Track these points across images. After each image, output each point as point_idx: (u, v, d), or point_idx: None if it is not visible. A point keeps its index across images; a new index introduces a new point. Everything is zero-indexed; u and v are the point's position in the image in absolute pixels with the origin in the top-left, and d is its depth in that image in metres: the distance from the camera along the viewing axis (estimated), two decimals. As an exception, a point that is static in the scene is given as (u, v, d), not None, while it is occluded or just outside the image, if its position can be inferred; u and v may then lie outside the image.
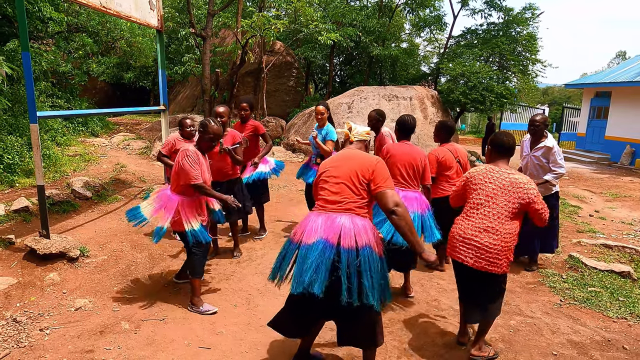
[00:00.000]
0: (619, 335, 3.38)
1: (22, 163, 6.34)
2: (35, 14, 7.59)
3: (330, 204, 2.49)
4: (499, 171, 2.88)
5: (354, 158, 2.59)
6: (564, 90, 32.31)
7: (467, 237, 2.83)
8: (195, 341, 3.09)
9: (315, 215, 2.51)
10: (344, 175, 2.52)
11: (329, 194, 2.52)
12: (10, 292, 3.61)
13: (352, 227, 2.40)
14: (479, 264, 2.78)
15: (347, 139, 2.84)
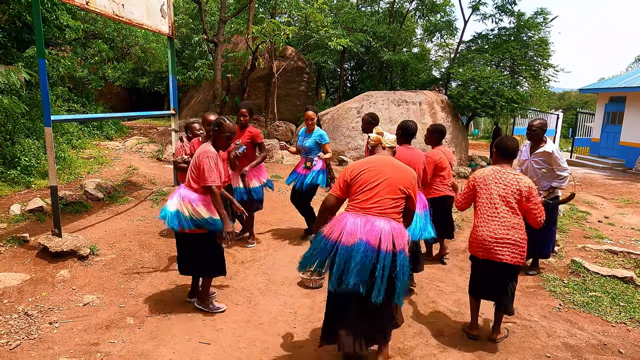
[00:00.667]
0: (616, 340, 3.38)
1: (39, 165, 6.57)
2: (53, 22, 7.88)
3: (369, 207, 2.62)
4: (505, 172, 3.16)
5: (395, 167, 2.74)
6: (581, 96, 31.87)
7: (500, 237, 3.04)
8: (196, 336, 3.20)
9: (353, 217, 2.62)
10: (386, 182, 2.65)
11: (369, 197, 2.63)
12: (23, 287, 3.78)
13: (390, 231, 2.56)
14: (515, 259, 3.06)
15: (379, 144, 2.97)
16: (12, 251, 4.33)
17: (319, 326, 3.40)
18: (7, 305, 3.49)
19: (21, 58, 7.41)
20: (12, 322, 3.26)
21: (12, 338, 3.06)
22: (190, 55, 16.06)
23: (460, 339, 3.29)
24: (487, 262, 3.12)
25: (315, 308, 3.71)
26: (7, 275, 3.88)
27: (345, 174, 2.76)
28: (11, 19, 8.04)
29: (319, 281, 4.16)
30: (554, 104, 36.51)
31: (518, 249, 3.05)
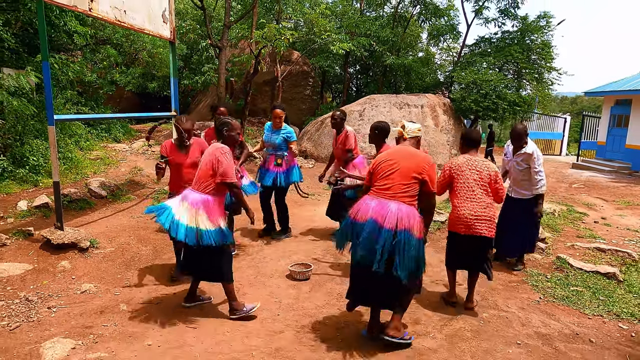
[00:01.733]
0: (589, 330, 3.48)
1: (46, 165, 6.85)
2: (62, 28, 8.21)
3: (383, 192, 3.00)
4: (475, 160, 3.68)
5: (410, 156, 3.08)
6: (594, 100, 31.61)
7: (479, 214, 3.55)
8: (184, 321, 3.39)
9: (369, 199, 3.02)
10: (400, 169, 3.00)
11: (384, 183, 3.01)
12: (26, 276, 4.02)
13: (396, 213, 2.88)
14: (491, 232, 3.60)
15: (401, 136, 3.31)
16: (18, 243, 4.58)
17: (302, 313, 3.58)
18: (9, 292, 3.72)
19: (31, 62, 7.74)
20: (14, 306, 3.48)
21: (13, 320, 3.28)
22: (198, 60, 16.39)
23: (435, 327, 3.42)
24: (467, 237, 3.60)
25: (300, 298, 3.88)
26: (12, 265, 4.12)
27: (371, 165, 3.18)
28: (24, 26, 8.40)
29: (307, 273, 4.33)
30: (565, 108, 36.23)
31: (492, 224, 3.62)
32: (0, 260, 4.21)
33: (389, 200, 2.95)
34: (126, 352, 2.95)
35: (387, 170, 3.02)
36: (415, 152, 3.13)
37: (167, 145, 4.07)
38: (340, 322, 3.48)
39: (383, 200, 2.96)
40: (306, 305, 3.74)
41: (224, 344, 3.09)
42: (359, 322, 3.49)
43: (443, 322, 3.51)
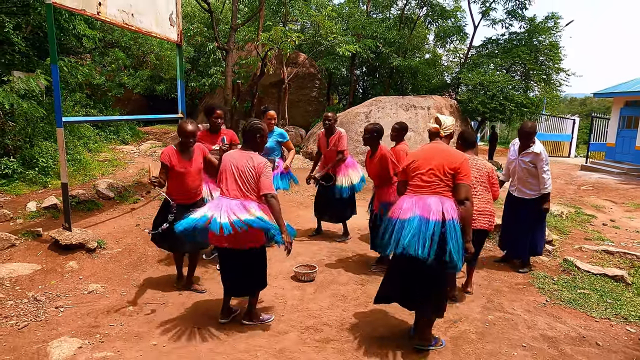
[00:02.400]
0: (596, 333, 3.45)
1: (55, 166, 6.94)
2: (71, 31, 8.32)
3: (421, 188, 3.05)
4: (474, 159, 3.93)
5: (443, 153, 3.10)
6: (604, 101, 31.29)
7: (482, 209, 3.83)
8: (189, 322, 3.41)
9: (408, 198, 3.08)
10: (434, 166, 3.04)
11: (421, 180, 3.06)
12: (35, 276, 4.07)
13: (440, 206, 2.95)
14: (490, 226, 3.91)
15: (436, 132, 3.24)
16: (27, 244, 4.64)
17: (306, 314, 3.59)
18: (18, 292, 3.77)
19: (41, 65, 7.84)
20: (22, 306, 3.53)
21: (21, 320, 3.33)
22: (205, 62, 16.51)
23: (440, 330, 3.41)
24: None
25: (304, 299, 3.89)
26: (21, 265, 4.18)
27: (405, 163, 3.23)
28: (34, 30, 8.52)
29: (311, 275, 4.33)
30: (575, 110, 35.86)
31: (492, 217, 3.93)
32: (9, 261, 4.27)
33: (429, 195, 3.01)
34: (132, 351, 2.98)
35: (423, 167, 3.07)
36: (447, 147, 3.18)
37: (169, 152, 3.70)
38: (344, 323, 3.49)
39: (423, 196, 3.02)
40: (310, 307, 3.75)
41: (227, 344, 3.11)
42: (363, 323, 3.49)
43: (447, 324, 3.50)
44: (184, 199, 3.74)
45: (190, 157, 3.77)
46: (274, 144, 5.15)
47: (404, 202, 3.06)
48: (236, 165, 3.19)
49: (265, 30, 12.22)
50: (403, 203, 3.06)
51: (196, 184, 3.82)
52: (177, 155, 3.72)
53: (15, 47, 7.56)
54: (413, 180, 3.10)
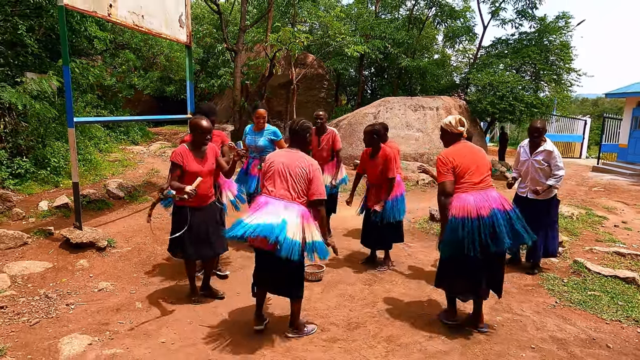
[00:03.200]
0: (607, 336, 3.41)
1: (67, 166, 7.04)
2: (82, 33, 8.44)
3: (480, 184, 3.22)
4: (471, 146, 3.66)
5: (479, 152, 3.37)
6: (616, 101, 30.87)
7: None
8: (197, 321, 3.44)
9: (473, 195, 3.16)
10: (481, 163, 3.28)
11: (477, 177, 3.22)
12: (46, 274, 4.13)
13: (500, 196, 3.22)
14: None
15: (460, 134, 3.38)
16: (39, 242, 4.71)
17: (314, 314, 3.60)
18: (30, 289, 3.83)
19: (53, 67, 7.96)
20: (34, 303, 3.59)
21: (33, 316, 3.38)
22: (214, 64, 16.62)
23: (447, 329, 3.39)
24: None
25: (312, 299, 3.89)
26: (33, 263, 4.25)
27: (449, 162, 3.25)
28: (46, 32, 8.65)
29: (319, 274, 4.34)
30: (586, 110, 35.42)
31: None
32: (21, 258, 4.34)
33: (486, 190, 3.20)
34: (140, 348, 3.01)
35: (474, 165, 3.24)
36: (474, 146, 3.40)
37: (181, 152, 3.46)
38: (351, 323, 3.49)
39: (485, 191, 3.19)
40: (318, 306, 3.75)
41: (236, 343, 3.13)
42: (371, 323, 3.49)
43: (455, 324, 3.48)
44: (196, 202, 3.47)
45: (203, 156, 3.55)
46: (267, 142, 4.85)
47: (472, 199, 3.14)
48: (287, 166, 3.07)
49: (273, 32, 12.27)
50: (473, 200, 3.14)
51: (208, 185, 3.60)
52: (190, 155, 3.48)
53: (28, 49, 7.68)
54: (464, 179, 3.22)
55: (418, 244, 5.62)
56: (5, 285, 3.79)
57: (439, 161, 3.32)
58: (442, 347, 3.15)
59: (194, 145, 3.53)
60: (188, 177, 3.42)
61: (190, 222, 3.43)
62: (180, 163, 3.42)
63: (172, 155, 3.46)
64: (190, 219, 3.44)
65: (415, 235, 6.06)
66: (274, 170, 3.09)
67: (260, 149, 4.83)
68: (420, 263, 4.96)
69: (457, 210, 3.14)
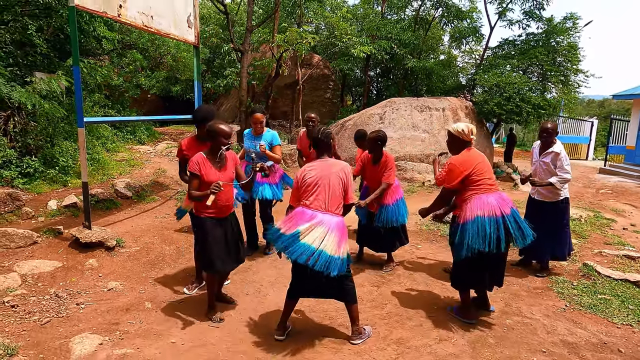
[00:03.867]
0: (618, 340, 3.38)
1: (75, 166, 7.08)
2: (91, 33, 8.48)
3: (492, 186, 3.45)
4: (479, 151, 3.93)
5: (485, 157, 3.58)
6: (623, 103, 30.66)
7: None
8: (207, 321, 3.44)
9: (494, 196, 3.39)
10: (490, 168, 3.52)
11: (490, 180, 3.46)
12: (56, 273, 4.15)
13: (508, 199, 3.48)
14: None
15: (470, 141, 3.52)
16: (48, 241, 4.74)
17: (322, 315, 3.60)
18: (40, 288, 3.85)
19: (62, 67, 8.01)
20: (44, 302, 3.61)
21: (44, 315, 3.40)
22: (220, 64, 16.66)
23: (457, 333, 3.38)
24: None
25: (320, 300, 3.87)
26: (43, 262, 4.27)
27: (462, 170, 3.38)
28: (55, 32, 8.71)
29: (327, 276, 4.33)
30: (592, 112, 35.22)
31: None
32: (31, 257, 4.37)
33: (498, 192, 3.46)
34: (151, 348, 3.02)
35: (486, 170, 3.45)
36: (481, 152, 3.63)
37: (199, 160, 3.23)
38: (360, 324, 3.47)
39: (496, 193, 3.44)
40: (326, 307, 3.75)
41: (245, 343, 3.13)
42: (380, 324, 3.48)
43: (465, 327, 3.47)
44: (215, 213, 3.31)
45: (222, 165, 3.32)
46: (268, 148, 4.67)
47: (493, 200, 3.35)
48: (326, 177, 3.07)
49: (280, 32, 12.28)
50: (494, 200, 3.34)
51: (228, 196, 3.37)
52: (208, 164, 3.25)
53: (36, 49, 7.74)
54: (481, 181, 3.41)
55: (425, 245, 5.61)
56: (16, 284, 3.81)
57: (454, 167, 3.41)
58: (452, 350, 3.13)
59: (213, 153, 3.28)
60: (206, 188, 3.19)
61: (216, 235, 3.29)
62: (197, 173, 3.21)
63: (189, 165, 3.23)
64: (215, 231, 3.29)
65: (422, 236, 6.04)
66: (312, 182, 3.07)
67: (261, 154, 4.68)
68: (428, 264, 4.95)
69: (481, 209, 3.31)
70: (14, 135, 6.38)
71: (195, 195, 3.18)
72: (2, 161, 6.05)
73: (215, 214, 3.31)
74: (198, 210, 3.32)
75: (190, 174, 3.25)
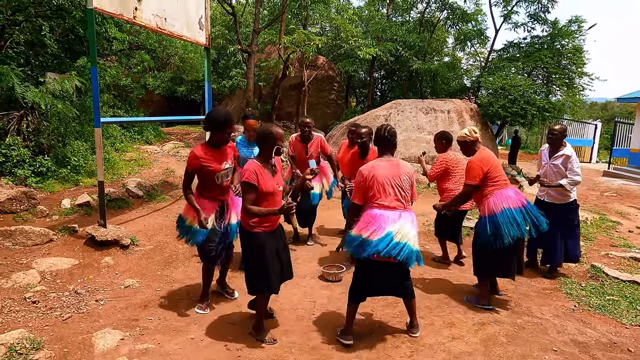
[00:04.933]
0: (627, 340, 3.44)
1: (86, 165, 7.16)
2: (103, 34, 8.58)
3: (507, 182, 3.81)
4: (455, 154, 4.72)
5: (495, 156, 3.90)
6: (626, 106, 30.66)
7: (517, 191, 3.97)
8: (225, 318, 3.52)
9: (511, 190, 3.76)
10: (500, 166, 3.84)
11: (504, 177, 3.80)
12: (73, 270, 4.23)
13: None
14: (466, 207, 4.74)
15: (477, 139, 3.87)
16: (64, 239, 4.82)
17: (336, 314, 3.67)
18: (59, 285, 3.93)
19: (73, 67, 8.10)
20: (64, 298, 3.69)
21: (65, 311, 3.47)
22: (225, 64, 16.77)
23: (468, 332, 3.45)
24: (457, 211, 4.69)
25: (333, 298, 3.96)
26: (60, 260, 4.35)
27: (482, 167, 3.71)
28: (65, 32, 8.80)
29: (339, 275, 4.41)
30: (595, 114, 35.20)
31: None
32: (48, 255, 4.45)
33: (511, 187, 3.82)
34: (171, 344, 3.10)
35: (500, 168, 3.79)
36: None
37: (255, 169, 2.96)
38: (374, 323, 3.55)
39: (512, 187, 3.80)
40: (340, 306, 3.82)
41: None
42: (393, 322, 3.55)
43: (477, 326, 3.53)
44: (270, 226, 3.08)
45: (274, 172, 3.10)
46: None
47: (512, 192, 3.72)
48: (395, 176, 3.10)
49: (287, 34, 12.37)
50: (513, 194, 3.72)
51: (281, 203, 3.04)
52: (263, 172, 2.98)
53: (47, 49, 7.83)
54: (498, 177, 3.75)
55: (434, 245, 5.67)
56: (36, 281, 3.89)
57: (474, 165, 3.74)
58: (465, 348, 3.20)
59: (266, 159, 3.05)
60: (263, 199, 2.97)
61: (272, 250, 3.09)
62: (255, 183, 2.92)
63: (245, 175, 2.92)
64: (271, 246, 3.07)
65: (430, 236, 6.10)
66: (387, 182, 3.07)
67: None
68: (437, 264, 5.01)
69: (506, 202, 3.65)
70: (27, 134, 6.47)
71: (263, 212, 2.91)
72: (16, 160, 6.14)
73: (270, 227, 3.07)
74: (251, 225, 3.01)
75: (246, 186, 2.92)
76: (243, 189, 2.96)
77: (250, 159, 4.47)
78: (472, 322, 3.60)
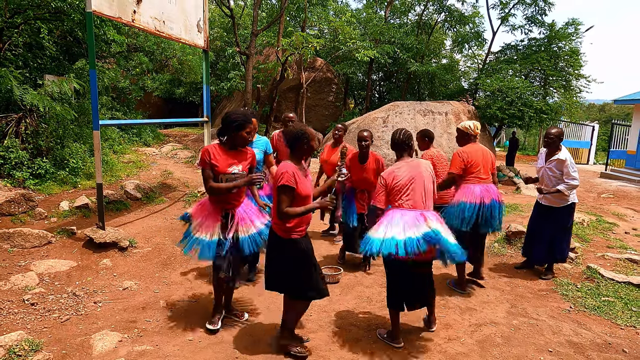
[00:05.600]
0: (622, 341, 3.47)
1: (85, 167, 7.18)
2: (101, 37, 8.60)
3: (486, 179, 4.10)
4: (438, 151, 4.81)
5: (489, 154, 4.18)
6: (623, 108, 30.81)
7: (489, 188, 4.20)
8: (224, 321, 3.52)
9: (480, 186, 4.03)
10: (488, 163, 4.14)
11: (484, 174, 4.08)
12: (71, 272, 4.25)
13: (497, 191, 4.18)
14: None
15: (476, 135, 4.14)
16: (62, 241, 4.83)
17: (334, 315, 3.69)
18: (58, 287, 3.94)
19: (71, 69, 8.12)
20: (63, 300, 3.70)
21: (63, 313, 3.49)
22: (223, 66, 16.79)
23: (464, 333, 3.47)
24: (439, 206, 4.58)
25: (331, 300, 3.97)
26: (58, 262, 4.36)
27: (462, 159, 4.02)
28: (63, 34, 8.83)
29: (336, 277, 4.43)
30: (593, 116, 35.36)
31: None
32: (47, 257, 4.46)
33: (489, 184, 4.09)
34: (169, 345, 3.11)
35: (481, 163, 4.04)
36: (483, 147, 4.15)
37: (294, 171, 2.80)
38: (371, 324, 3.57)
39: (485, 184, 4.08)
40: (337, 308, 3.84)
41: (261, 342, 3.22)
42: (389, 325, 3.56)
43: (473, 327, 3.56)
44: (303, 231, 2.97)
45: (305, 173, 2.96)
46: (262, 156, 4.21)
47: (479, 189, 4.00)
48: (419, 177, 3.13)
49: (285, 36, 12.41)
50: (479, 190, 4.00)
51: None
52: (299, 174, 2.84)
53: (45, 52, 7.85)
54: (473, 173, 4.03)
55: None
56: (34, 283, 3.90)
57: (456, 156, 4.04)
58: (462, 349, 3.22)
59: (299, 160, 2.91)
60: (299, 203, 2.83)
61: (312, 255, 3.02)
62: (294, 185, 2.76)
63: (284, 178, 2.75)
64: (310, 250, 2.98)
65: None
66: (406, 184, 3.10)
67: None
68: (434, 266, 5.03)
69: (466, 196, 3.98)
70: (25, 137, 6.48)
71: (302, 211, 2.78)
72: (15, 162, 6.15)
73: (304, 231, 2.96)
74: (287, 232, 2.86)
75: (285, 189, 2.75)
76: (279, 192, 2.77)
77: None
78: (468, 323, 3.63)
